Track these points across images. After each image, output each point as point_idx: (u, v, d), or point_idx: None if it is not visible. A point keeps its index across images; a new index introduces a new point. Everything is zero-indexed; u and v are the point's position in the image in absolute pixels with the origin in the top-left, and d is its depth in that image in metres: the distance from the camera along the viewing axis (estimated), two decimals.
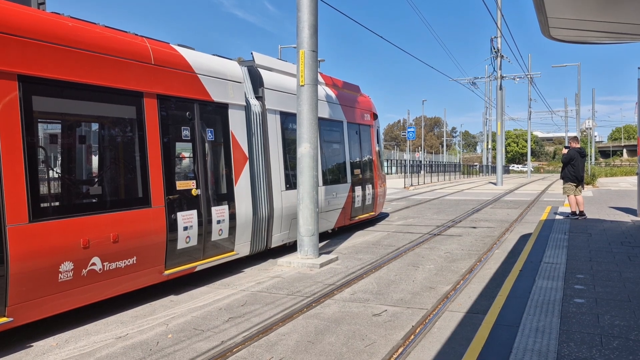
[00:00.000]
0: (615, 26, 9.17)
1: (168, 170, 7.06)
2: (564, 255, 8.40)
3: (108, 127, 6.55)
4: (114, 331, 5.71)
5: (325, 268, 8.72)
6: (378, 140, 15.16)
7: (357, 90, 14.27)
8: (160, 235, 6.81)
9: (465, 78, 45.15)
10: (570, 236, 10.37)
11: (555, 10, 8.13)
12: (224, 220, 8.02)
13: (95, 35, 6.20)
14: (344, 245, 10.99)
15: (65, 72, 5.75)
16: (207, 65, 7.96)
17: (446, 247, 10.51)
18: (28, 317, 5.32)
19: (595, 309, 5.51)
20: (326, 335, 5.46)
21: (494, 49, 38.48)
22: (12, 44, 5.21)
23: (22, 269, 5.15)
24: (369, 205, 13.88)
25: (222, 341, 5.32)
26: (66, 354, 5.06)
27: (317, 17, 9.32)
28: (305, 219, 9.11)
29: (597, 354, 4.26)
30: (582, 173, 13.37)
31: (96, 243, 5.92)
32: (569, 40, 10.73)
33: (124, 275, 6.34)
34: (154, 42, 7.18)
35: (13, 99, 5.21)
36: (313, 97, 9.17)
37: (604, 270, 7.29)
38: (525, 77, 45.41)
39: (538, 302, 5.80)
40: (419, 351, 4.98)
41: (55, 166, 6.11)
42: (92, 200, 6.28)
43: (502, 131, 39.17)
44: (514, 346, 4.48)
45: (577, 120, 54.98)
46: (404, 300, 6.72)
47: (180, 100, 7.39)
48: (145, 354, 5.02)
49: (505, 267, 8.39)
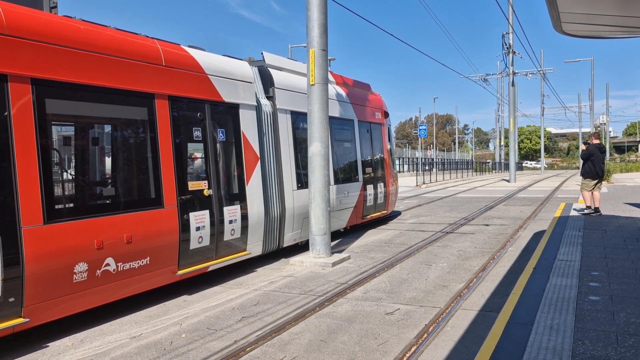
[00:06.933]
0: (629, 20, 9.05)
1: (180, 171, 7.11)
2: (579, 252, 8.31)
3: (120, 129, 6.61)
4: (128, 331, 5.76)
5: (337, 267, 8.72)
6: (389, 138, 15.11)
7: (368, 89, 14.24)
8: (173, 236, 6.85)
9: (477, 75, 44.93)
10: (584, 233, 10.26)
11: (567, 5, 8.05)
12: (236, 220, 8.05)
13: (106, 38, 6.25)
14: (356, 244, 10.98)
15: (78, 75, 5.80)
16: (218, 66, 7.99)
17: (459, 245, 10.46)
18: (44, 318, 5.38)
19: (611, 306, 5.44)
20: (339, 334, 5.46)
21: (506, 45, 38.19)
22: (25, 48, 5.27)
23: (37, 270, 5.21)
24: (381, 203, 13.85)
25: (235, 340, 5.34)
26: (82, 354, 5.11)
27: (327, 16, 9.32)
28: (317, 218, 9.11)
29: (613, 352, 4.21)
30: (602, 169, 13.17)
31: (110, 244, 5.97)
32: (582, 35, 10.61)
33: (138, 275, 6.39)
34: (165, 43, 7.22)
35: (27, 102, 5.27)
36: (324, 96, 9.17)
37: (619, 267, 7.20)
38: (537, 72, 45.03)
39: (552, 299, 5.75)
40: (432, 349, 4.96)
41: (68, 168, 6.18)
42: (106, 201, 6.34)
43: (515, 128, 38.85)
44: (528, 344, 4.44)
45: (591, 116, 54.43)
46: (417, 299, 6.69)
47: (192, 101, 7.42)
48: (159, 354, 5.06)
49: (518, 264, 8.33)
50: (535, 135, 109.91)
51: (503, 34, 38.25)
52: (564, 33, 9.89)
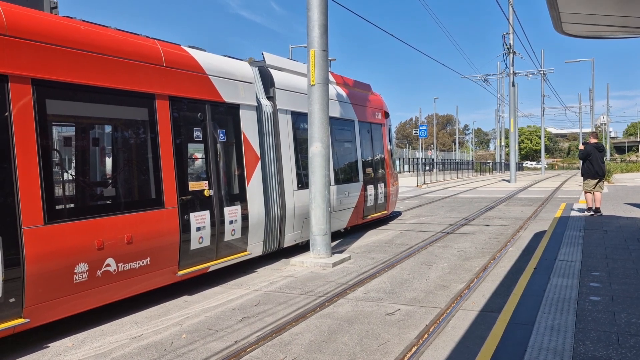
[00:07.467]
0: (629, 20, 9.04)
1: (180, 171, 7.10)
2: (579, 252, 8.30)
3: (121, 129, 6.61)
4: (129, 331, 5.76)
5: (338, 267, 8.72)
6: (390, 138, 15.11)
7: (368, 89, 14.24)
8: (174, 236, 6.85)
9: (477, 75, 44.93)
10: (585, 233, 10.25)
11: (568, 5, 8.04)
12: (237, 220, 8.05)
13: (107, 39, 6.25)
14: (357, 244, 10.97)
15: (78, 75, 5.80)
16: (218, 66, 7.99)
17: (460, 246, 10.45)
18: (44, 318, 5.38)
19: (612, 306, 5.44)
20: (339, 334, 5.45)
21: (506, 45, 38.17)
22: (26, 48, 5.27)
23: (38, 270, 5.21)
24: (382, 204, 13.84)
25: (235, 341, 5.34)
26: (82, 354, 5.11)
27: (327, 17, 9.32)
28: (318, 218, 9.11)
29: (614, 353, 4.21)
30: (601, 168, 13.10)
31: (110, 244, 5.97)
32: (582, 35, 10.61)
33: (138, 276, 6.39)
34: (165, 44, 7.22)
35: (27, 103, 5.27)
36: (324, 97, 9.17)
37: (620, 267, 7.20)
38: (538, 73, 45.02)
39: (553, 300, 5.74)
40: (432, 350, 4.96)
41: (69, 168, 6.18)
42: (106, 201, 6.34)
43: (515, 128, 38.86)
44: (529, 345, 4.44)
45: (592, 116, 54.41)
46: (418, 299, 6.69)
47: (192, 101, 7.42)
48: (159, 354, 5.05)
49: (519, 265, 8.32)
50: (535, 136, 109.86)
51: (503, 34, 38.26)
52: (565, 33, 9.89)
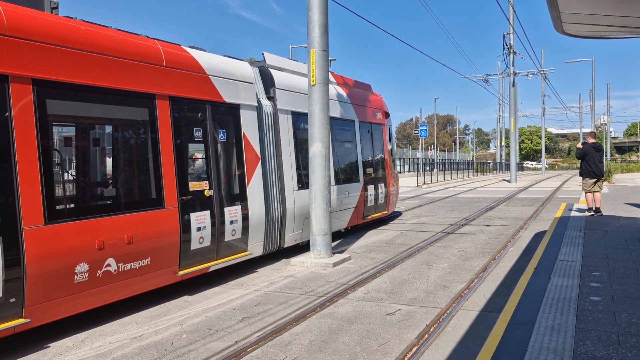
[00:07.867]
0: (629, 20, 9.04)
1: (181, 172, 7.11)
2: (580, 252, 8.30)
3: (121, 129, 6.61)
4: (129, 331, 5.76)
5: (338, 267, 8.72)
6: (390, 138, 15.11)
7: (369, 89, 14.24)
8: (174, 236, 6.85)
9: (478, 75, 44.94)
10: (585, 233, 10.25)
11: (568, 5, 8.04)
12: (237, 220, 8.05)
13: (107, 39, 6.25)
14: (357, 244, 10.98)
15: (79, 76, 5.80)
16: (218, 67, 7.99)
17: (460, 246, 10.45)
18: (45, 318, 5.38)
19: (612, 306, 5.43)
20: (340, 334, 5.45)
21: (507, 45, 38.17)
22: (26, 49, 5.28)
23: (38, 270, 5.21)
24: (382, 204, 13.84)
25: (236, 341, 5.34)
26: (83, 354, 5.11)
27: (328, 17, 9.32)
28: (318, 218, 9.11)
29: (614, 353, 4.21)
30: (598, 168, 13.09)
31: (111, 244, 5.97)
32: (583, 35, 10.61)
33: (139, 276, 6.39)
34: (166, 44, 7.22)
35: (28, 103, 5.27)
36: (324, 97, 9.17)
37: (620, 267, 7.19)
38: (538, 73, 45.02)
39: (553, 300, 5.74)
40: (433, 350, 4.96)
41: (69, 168, 6.18)
42: (106, 202, 6.34)
43: (516, 128, 38.85)
44: (529, 345, 4.44)
45: (592, 116, 54.40)
46: (418, 299, 6.69)
47: (192, 101, 7.42)
48: (160, 354, 5.06)
49: (519, 265, 8.32)
50: (536, 136, 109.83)
51: (504, 34, 38.26)
52: (565, 33, 9.89)
